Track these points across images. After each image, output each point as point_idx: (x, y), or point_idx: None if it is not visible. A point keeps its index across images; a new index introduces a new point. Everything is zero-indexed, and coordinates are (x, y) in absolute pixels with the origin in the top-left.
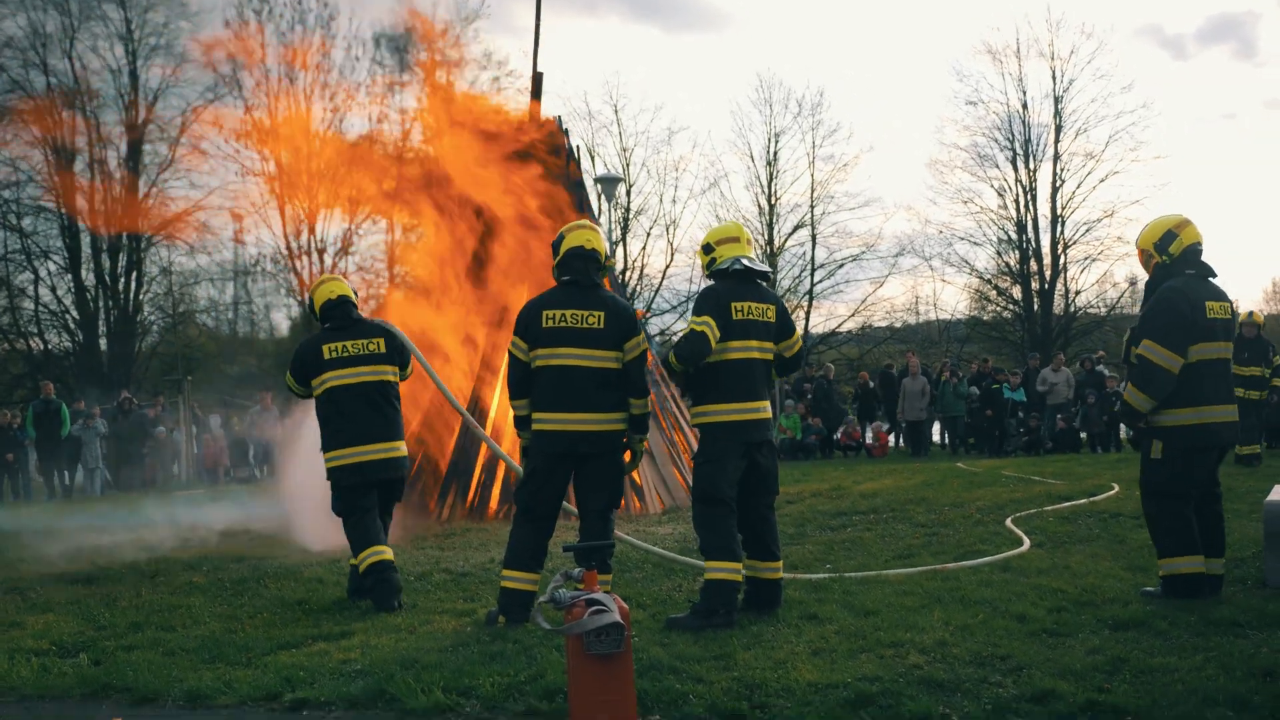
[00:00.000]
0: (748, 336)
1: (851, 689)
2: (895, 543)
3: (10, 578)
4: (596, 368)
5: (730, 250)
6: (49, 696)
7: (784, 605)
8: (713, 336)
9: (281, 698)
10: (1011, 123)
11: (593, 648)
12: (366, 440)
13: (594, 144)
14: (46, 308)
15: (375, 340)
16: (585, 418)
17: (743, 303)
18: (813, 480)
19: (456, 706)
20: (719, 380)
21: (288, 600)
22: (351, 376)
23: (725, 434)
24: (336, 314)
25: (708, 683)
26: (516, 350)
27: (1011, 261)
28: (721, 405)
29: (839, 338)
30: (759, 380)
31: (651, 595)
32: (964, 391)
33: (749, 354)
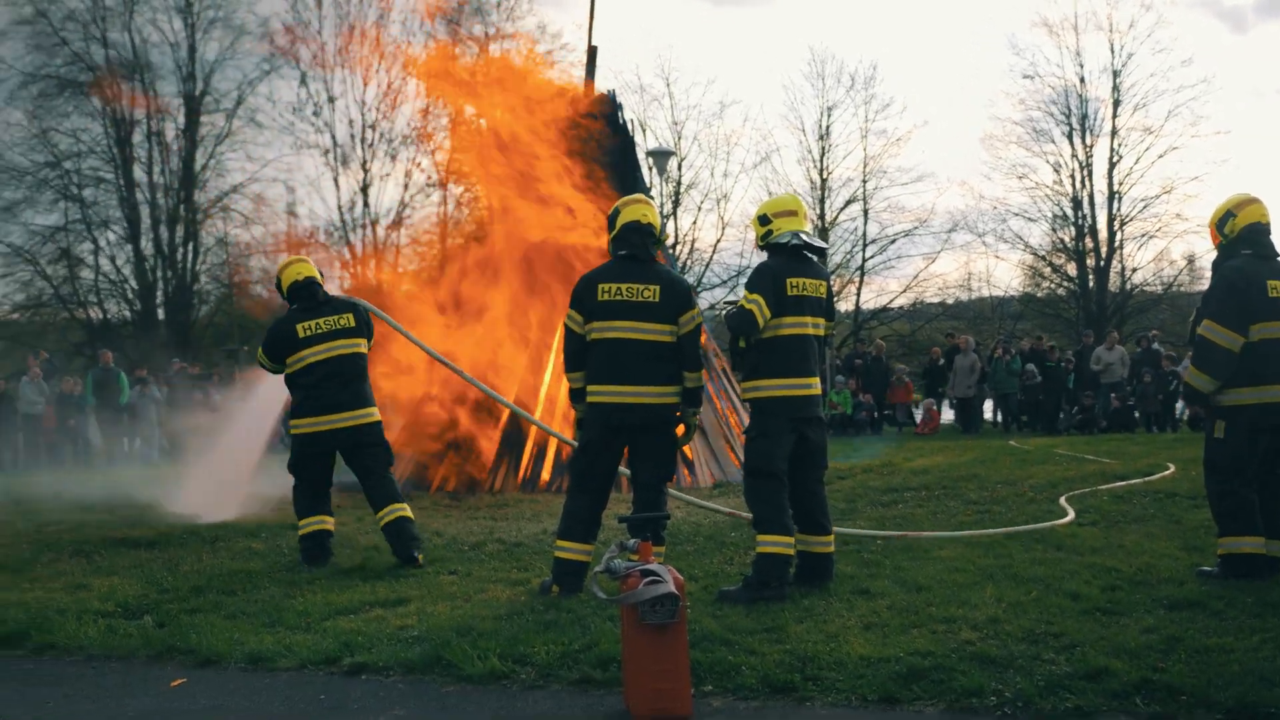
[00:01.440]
0: (801, 312)
1: (903, 663)
2: (947, 519)
3: (75, 540)
4: (651, 341)
5: (788, 224)
6: (115, 657)
7: (835, 579)
8: (761, 316)
9: (340, 662)
10: (1068, 97)
11: (648, 618)
12: (335, 410)
13: (646, 117)
14: (106, 277)
15: (345, 315)
16: (639, 390)
17: (798, 279)
18: (863, 456)
19: (512, 673)
20: (772, 355)
21: (344, 567)
22: (326, 351)
23: (777, 409)
24: (304, 294)
25: (760, 654)
26: (572, 323)
27: (1066, 238)
28: (774, 380)
29: (890, 314)
30: (811, 356)
31: (704, 568)
32: (1016, 368)
33: (803, 330)
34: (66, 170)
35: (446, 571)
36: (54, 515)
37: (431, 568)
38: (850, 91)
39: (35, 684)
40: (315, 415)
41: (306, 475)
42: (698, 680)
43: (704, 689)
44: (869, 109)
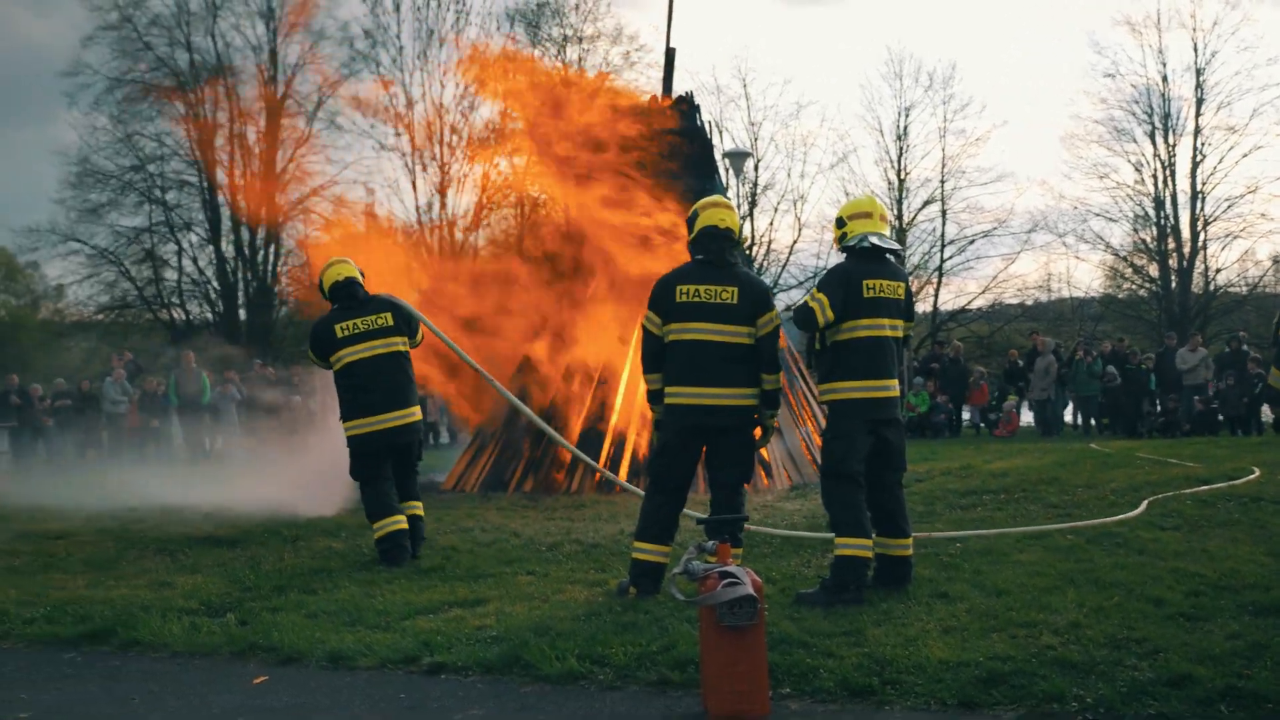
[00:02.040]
0: (878, 314)
1: (983, 668)
2: (1026, 523)
3: (160, 539)
4: (729, 342)
5: (861, 226)
6: (199, 654)
7: (914, 583)
8: (821, 314)
9: (420, 661)
10: (1150, 95)
11: (726, 620)
12: (380, 410)
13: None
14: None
15: (383, 315)
16: (717, 392)
17: (874, 280)
18: (941, 458)
19: (589, 674)
20: (848, 357)
21: (423, 567)
22: (365, 350)
23: (853, 410)
24: (344, 294)
25: (838, 657)
26: (650, 325)
27: (1148, 238)
28: (850, 382)
29: (968, 315)
30: (889, 358)
31: (781, 570)
32: (1098, 370)
33: (880, 331)
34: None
35: (524, 572)
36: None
37: (509, 568)
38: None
39: (121, 680)
40: (361, 417)
41: (368, 476)
42: (775, 682)
43: (781, 691)
44: (947, 109)
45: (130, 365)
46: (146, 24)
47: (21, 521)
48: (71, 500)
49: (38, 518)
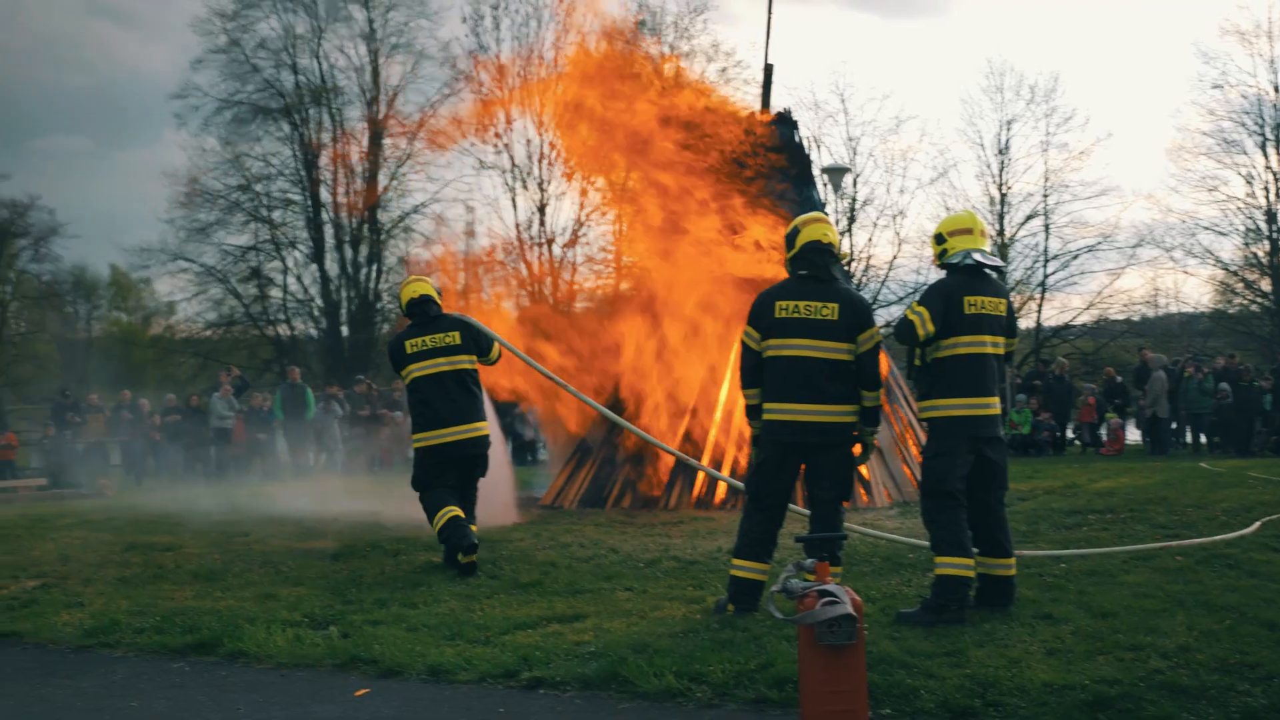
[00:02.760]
0: (979, 331)
1: (1089, 691)
2: (1133, 543)
3: (264, 552)
4: (828, 359)
5: (962, 242)
6: (302, 665)
7: (1017, 603)
8: (921, 327)
9: (518, 676)
10: (1261, 106)
11: (824, 639)
12: (445, 424)
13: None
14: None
15: (451, 333)
16: (815, 408)
17: (975, 297)
18: (1045, 477)
19: (687, 691)
20: (949, 374)
21: (522, 582)
22: (432, 367)
23: (954, 428)
24: (418, 311)
25: (939, 678)
26: (749, 340)
27: (1260, 252)
28: (951, 400)
29: (1073, 331)
30: (990, 375)
31: (881, 589)
32: (1210, 387)
33: (981, 349)
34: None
35: (622, 588)
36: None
37: (607, 584)
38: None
39: (228, 690)
40: (427, 430)
41: (427, 485)
42: (875, 703)
43: (881, 712)
44: (1049, 122)
45: (237, 381)
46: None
47: (132, 533)
48: (180, 513)
49: (148, 530)
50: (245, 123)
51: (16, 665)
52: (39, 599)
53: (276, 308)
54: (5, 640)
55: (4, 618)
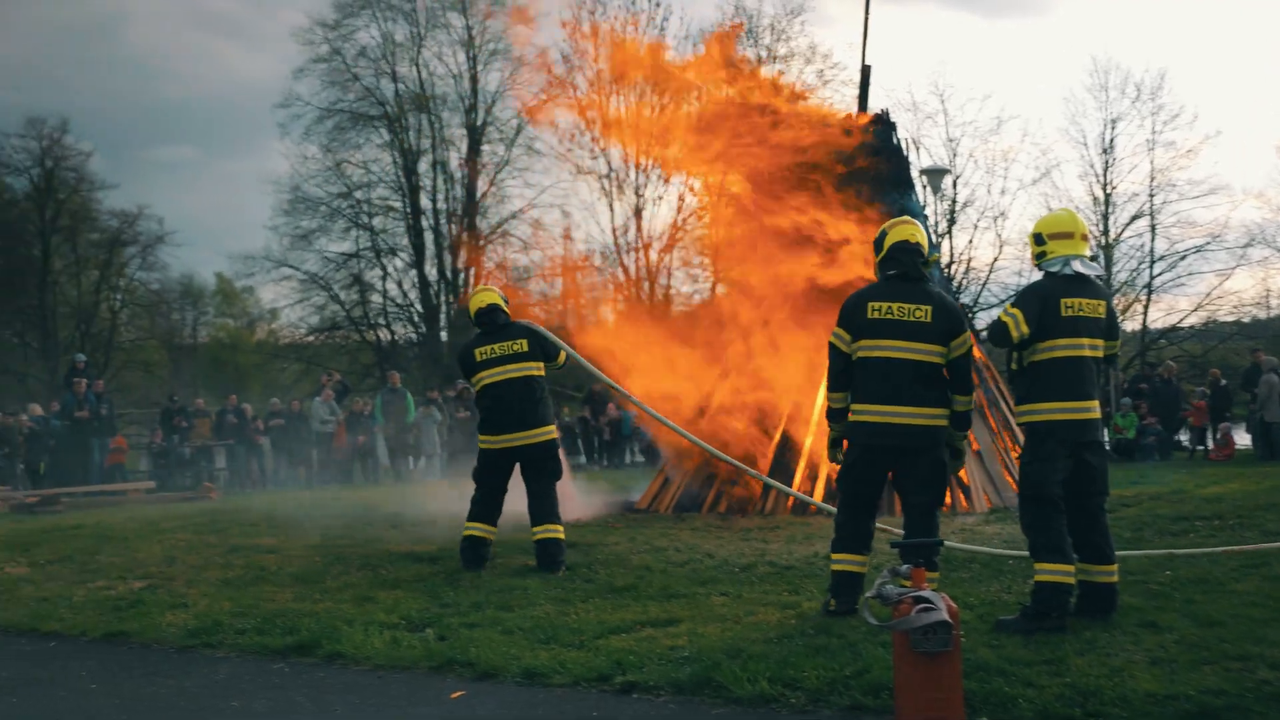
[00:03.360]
0: (1078, 334)
1: (1193, 702)
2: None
3: (363, 555)
4: (921, 361)
5: (1063, 247)
6: (398, 668)
7: (1120, 611)
8: (1016, 329)
9: (612, 680)
10: None
11: (920, 645)
12: (508, 429)
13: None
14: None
15: (519, 341)
16: (905, 410)
17: (1074, 299)
18: (1151, 483)
19: (781, 697)
20: (1047, 378)
21: (617, 586)
22: (500, 374)
23: (1053, 433)
24: (486, 319)
25: (1038, 687)
26: (839, 342)
27: None
28: (1049, 404)
29: (1180, 334)
30: (1089, 378)
31: (980, 595)
32: None
33: (1079, 351)
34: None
35: (717, 593)
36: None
37: (702, 589)
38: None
39: (326, 691)
40: (491, 434)
41: (485, 484)
42: (972, 711)
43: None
44: (1156, 120)
45: (338, 386)
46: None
47: (236, 536)
48: (282, 516)
49: (250, 533)
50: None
51: (123, 664)
52: (145, 600)
53: (377, 313)
54: (113, 640)
55: (112, 618)
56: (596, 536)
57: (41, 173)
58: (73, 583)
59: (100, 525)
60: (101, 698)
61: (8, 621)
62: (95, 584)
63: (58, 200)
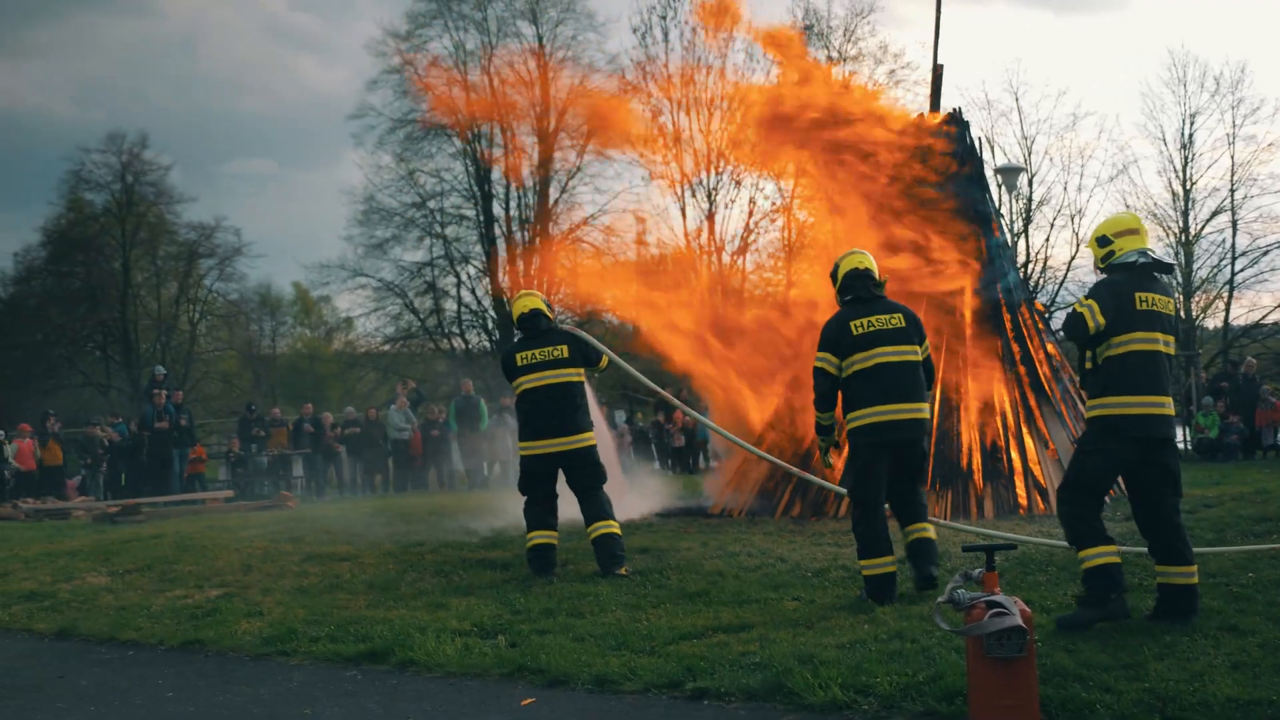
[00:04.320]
0: (1153, 328)
1: (1276, 707)
2: None
3: (437, 562)
4: (911, 361)
5: (1132, 242)
6: (470, 675)
7: (1201, 614)
8: (1092, 320)
9: (683, 686)
10: None
11: (993, 651)
12: (550, 435)
13: (993, 134)
14: (468, 308)
15: (560, 347)
16: (911, 407)
17: (1147, 293)
18: (1233, 483)
19: (854, 704)
20: (1122, 372)
21: (689, 591)
22: (540, 380)
23: (1125, 428)
24: (528, 325)
25: (1116, 692)
26: (825, 364)
27: None
28: (1125, 398)
29: (1263, 330)
30: (1164, 374)
31: (1056, 599)
32: None
33: (1154, 346)
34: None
35: (790, 598)
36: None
37: (775, 594)
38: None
39: (398, 698)
40: (532, 440)
41: (533, 493)
42: (1048, 717)
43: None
44: (1236, 113)
45: (413, 394)
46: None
47: (311, 544)
48: (358, 523)
49: (326, 540)
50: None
51: (199, 671)
52: (221, 608)
53: (451, 321)
54: (189, 648)
55: (188, 626)
56: (669, 542)
57: (122, 188)
58: (151, 592)
59: (179, 534)
60: (177, 705)
61: (88, 630)
62: (173, 593)
63: (137, 214)
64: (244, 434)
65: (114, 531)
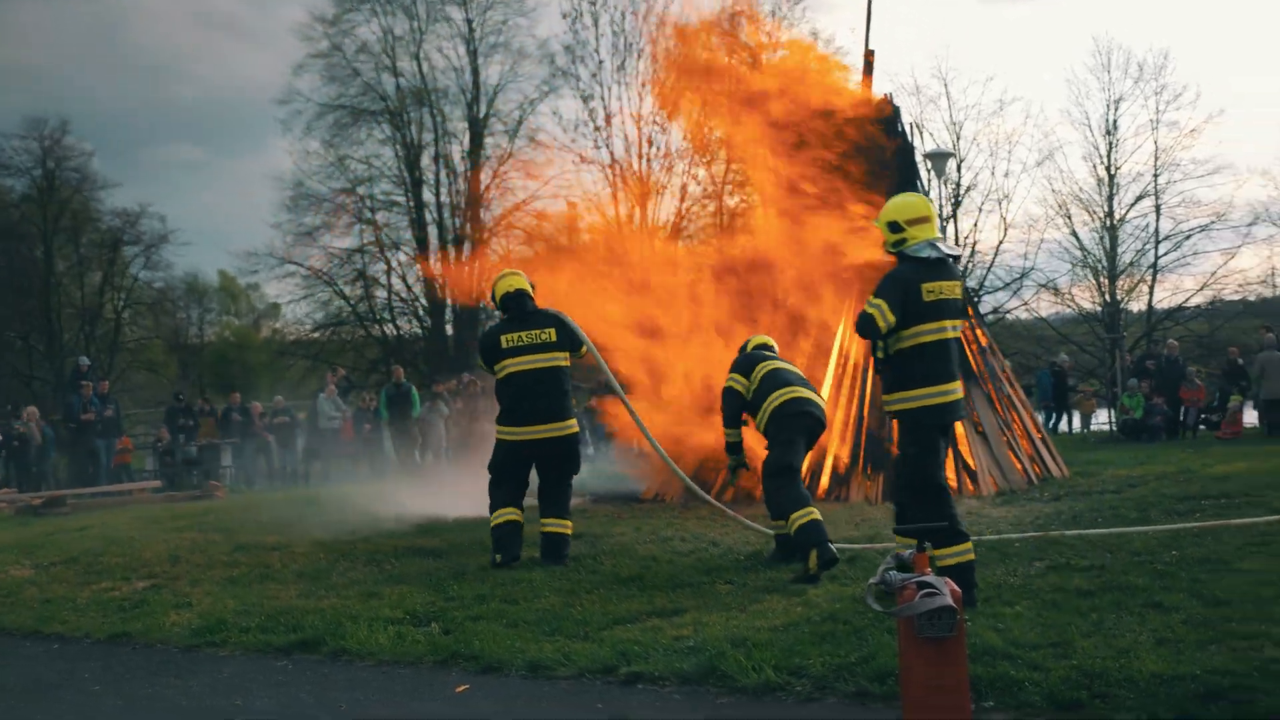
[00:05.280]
0: (941, 316)
1: (1200, 682)
2: (1249, 530)
3: (369, 550)
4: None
5: (922, 232)
6: (403, 663)
7: (1126, 591)
8: (881, 320)
9: (617, 671)
10: None
11: (924, 631)
12: (536, 421)
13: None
14: (398, 296)
15: (548, 330)
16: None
17: (933, 283)
18: (1157, 462)
19: (787, 685)
20: (916, 363)
21: (622, 577)
22: (527, 363)
23: (928, 419)
24: (514, 305)
25: (1044, 670)
26: (737, 384)
27: None
28: (921, 390)
29: (1186, 313)
30: (953, 360)
31: (985, 579)
32: None
33: (944, 334)
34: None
35: (723, 581)
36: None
37: (708, 578)
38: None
39: (331, 688)
40: (516, 425)
41: (503, 476)
42: (978, 696)
43: (985, 705)
44: (1159, 100)
45: (343, 381)
46: (355, 50)
47: (241, 534)
48: (289, 513)
49: (256, 530)
50: (347, 126)
51: (128, 665)
52: (149, 600)
53: (381, 308)
54: (117, 640)
55: (116, 618)
56: (602, 528)
57: (43, 173)
58: (77, 584)
59: (105, 526)
60: (105, 699)
61: (12, 624)
62: (99, 585)
63: (59, 201)
64: (172, 424)
65: (38, 524)
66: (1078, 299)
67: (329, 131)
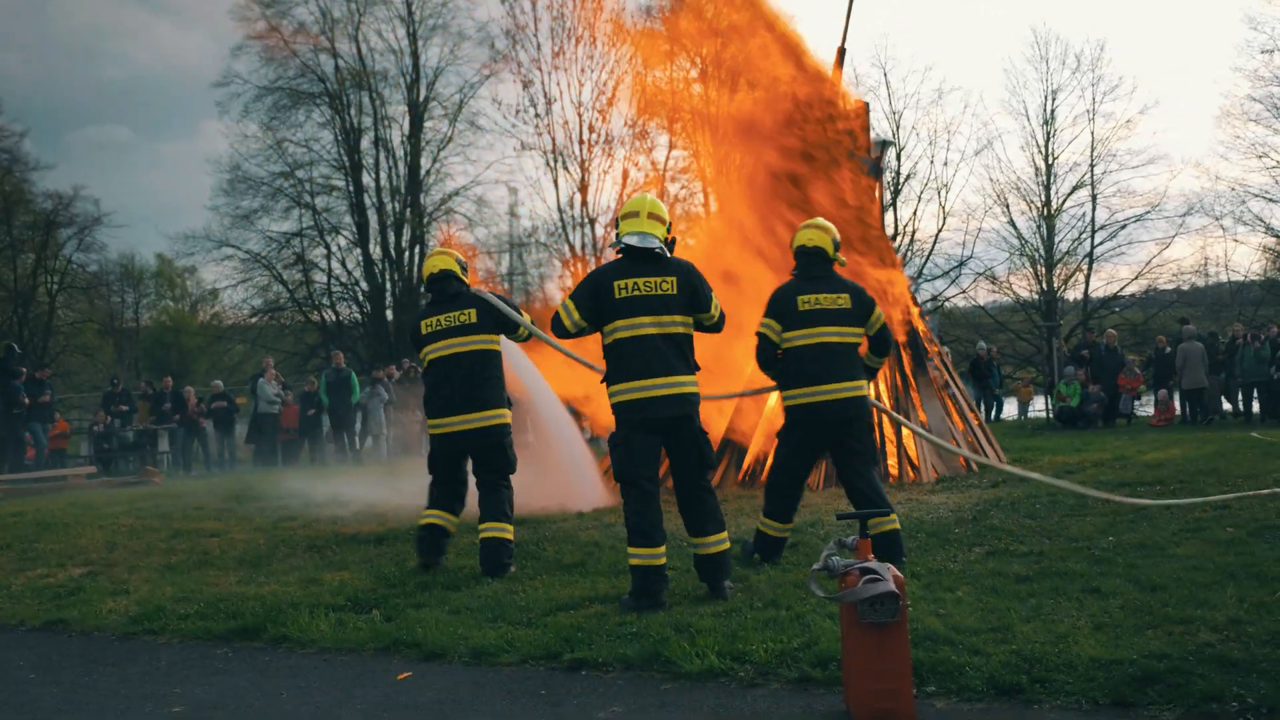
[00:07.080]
0: (635, 313)
1: (1137, 666)
2: (1183, 515)
3: (309, 537)
4: (847, 343)
5: (626, 226)
6: (345, 650)
7: (1065, 577)
8: (567, 317)
9: (561, 657)
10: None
11: (866, 616)
12: (454, 411)
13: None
14: (338, 280)
15: (467, 311)
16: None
17: (626, 280)
18: (1094, 450)
19: (730, 671)
20: (618, 359)
21: (565, 563)
22: (445, 349)
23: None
24: (437, 287)
25: (985, 654)
26: (769, 331)
27: None
28: (624, 385)
29: (1121, 302)
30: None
31: (926, 565)
32: (1266, 355)
33: (642, 330)
34: (299, 179)
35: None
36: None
37: None
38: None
39: (270, 675)
40: (436, 416)
41: (437, 475)
42: (920, 680)
43: (926, 690)
44: (1096, 90)
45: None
46: (292, 32)
47: (179, 520)
48: (227, 499)
49: (194, 517)
50: (286, 109)
51: (64, 653)
52: (85, 587)
53: (321, 293)
54: (52, 628)
55: (51, 606)
56: (543, 514)
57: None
58: (11, 571)
59: (39, 512)
60: (41, 687)
61: None
62: (34, 572)
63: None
64: (107, 408)
65: None
66: (1015, 287)
67: (267, 114)
